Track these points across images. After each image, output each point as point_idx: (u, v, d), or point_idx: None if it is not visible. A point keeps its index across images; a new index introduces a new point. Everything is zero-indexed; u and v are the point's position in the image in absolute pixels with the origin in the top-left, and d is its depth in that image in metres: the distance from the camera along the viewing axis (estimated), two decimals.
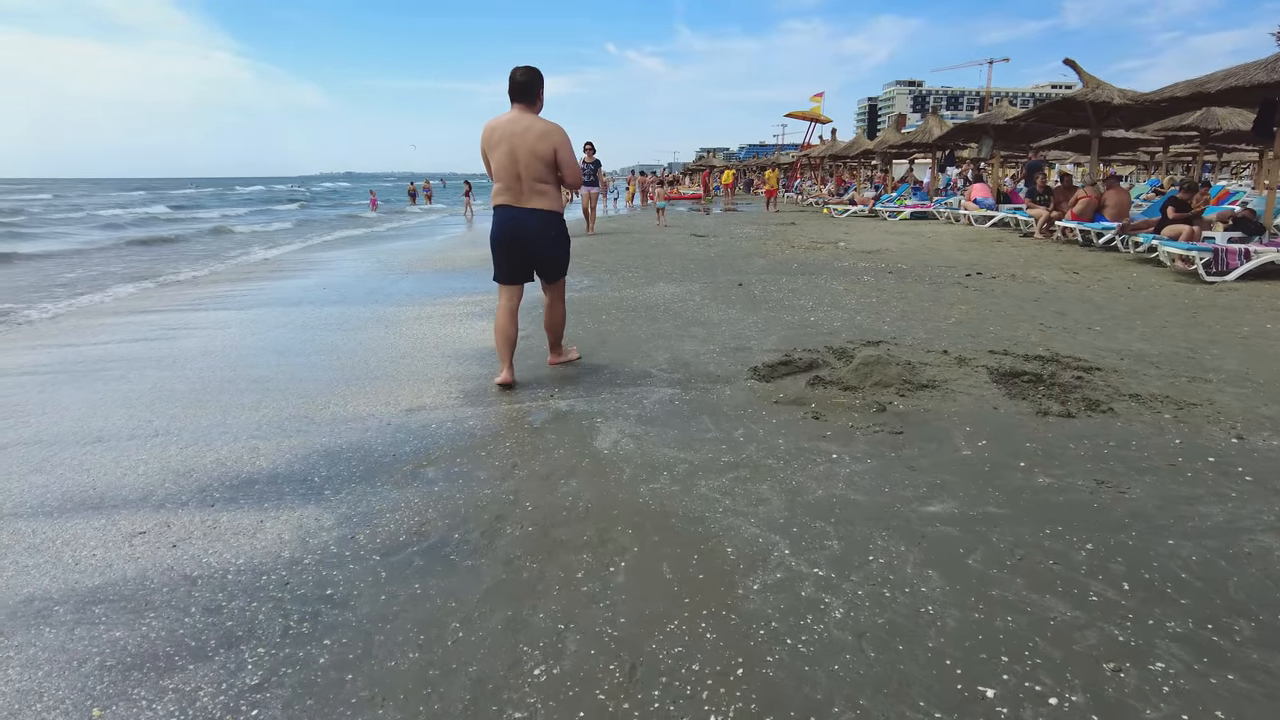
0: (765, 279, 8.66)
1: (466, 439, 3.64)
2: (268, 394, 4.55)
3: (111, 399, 4.58)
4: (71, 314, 8.33)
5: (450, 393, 4.45)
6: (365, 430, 3.83)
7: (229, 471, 3.36)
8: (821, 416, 3.78)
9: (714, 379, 4.51)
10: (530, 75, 4.33)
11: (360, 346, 5.76)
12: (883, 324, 6.04)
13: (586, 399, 4.20)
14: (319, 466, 3.37)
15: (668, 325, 6.17)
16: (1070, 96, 12.68)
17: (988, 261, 10.32)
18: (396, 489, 3.09)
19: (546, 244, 4.45)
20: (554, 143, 4.25)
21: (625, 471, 3.15)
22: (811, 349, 5.15)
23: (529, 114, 4.32)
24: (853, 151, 27.54)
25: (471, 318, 6.82)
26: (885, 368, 4.34)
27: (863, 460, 3.24)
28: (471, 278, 9.66)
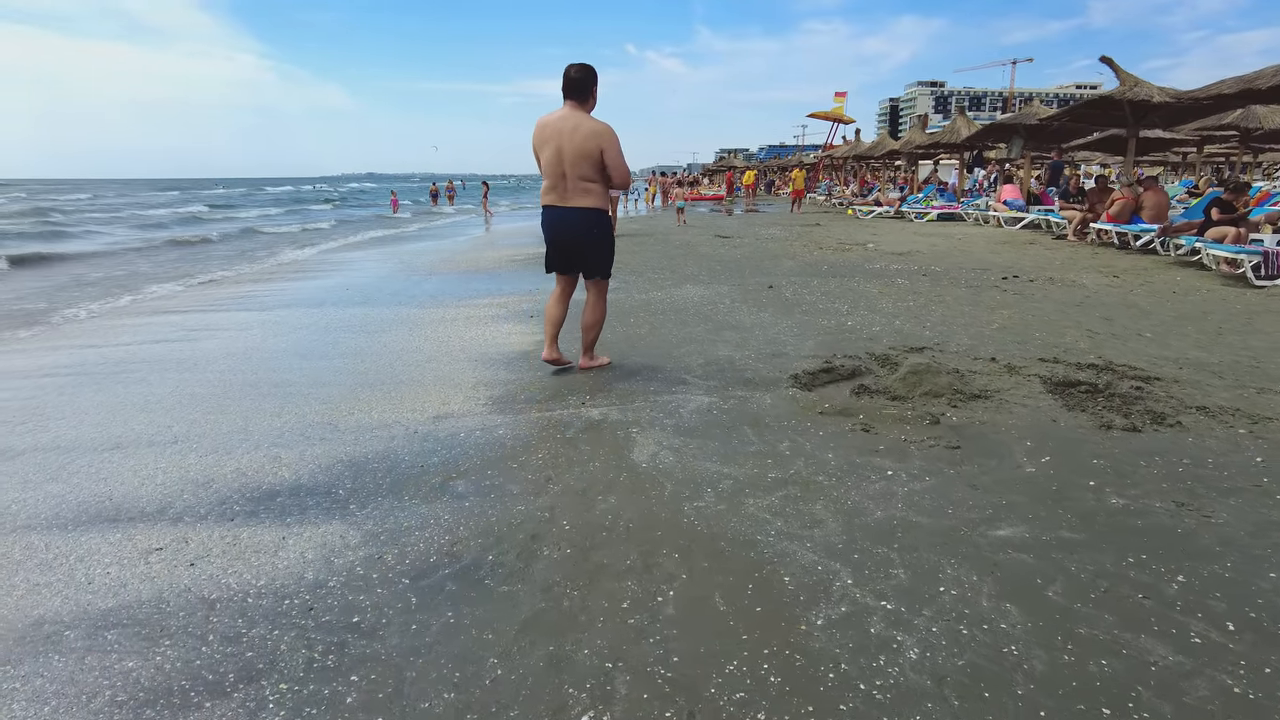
0: (796, 281, 8.44)
1: (497, 449, 3.47)
2: (290, 399, 4.41)
3: (131, 402, 4.46)
4: (100, 314, 8.27)
5: (478, 399, 4.28)
6: (391, 439, 3.67)
7: (250, 482, 3.21)
8: (872, 429, 3.57)
9: (752, 386, 4.31)
10: (584, 73, 4.30)
11: (385, 350, 5.62)
12: (923, 329, 5.81)
13: (620, 407, 4.01)
14: (344, 478, 3.21)
15: (699, 329, 5.98)
16: (1107, 95, 12.33)
17: (1023, 264, 10.04)
18: (425, 504, 2.92)
19: (590, 242, 4.50)
20: (602, 143, 4.25)
21: (666, 488, 2.96)
22: (853, 355, 4.94)
23: (580, 112, 4.32)
24: (877, 152, 27.19)
25: (496, 320, 6.66)
26: (935, 377, 4.12)
27: (920, 478, 3.03)
28: (495, 279, 9.52)
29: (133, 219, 31.31)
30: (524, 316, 6.82)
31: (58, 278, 12.50)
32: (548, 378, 4.68)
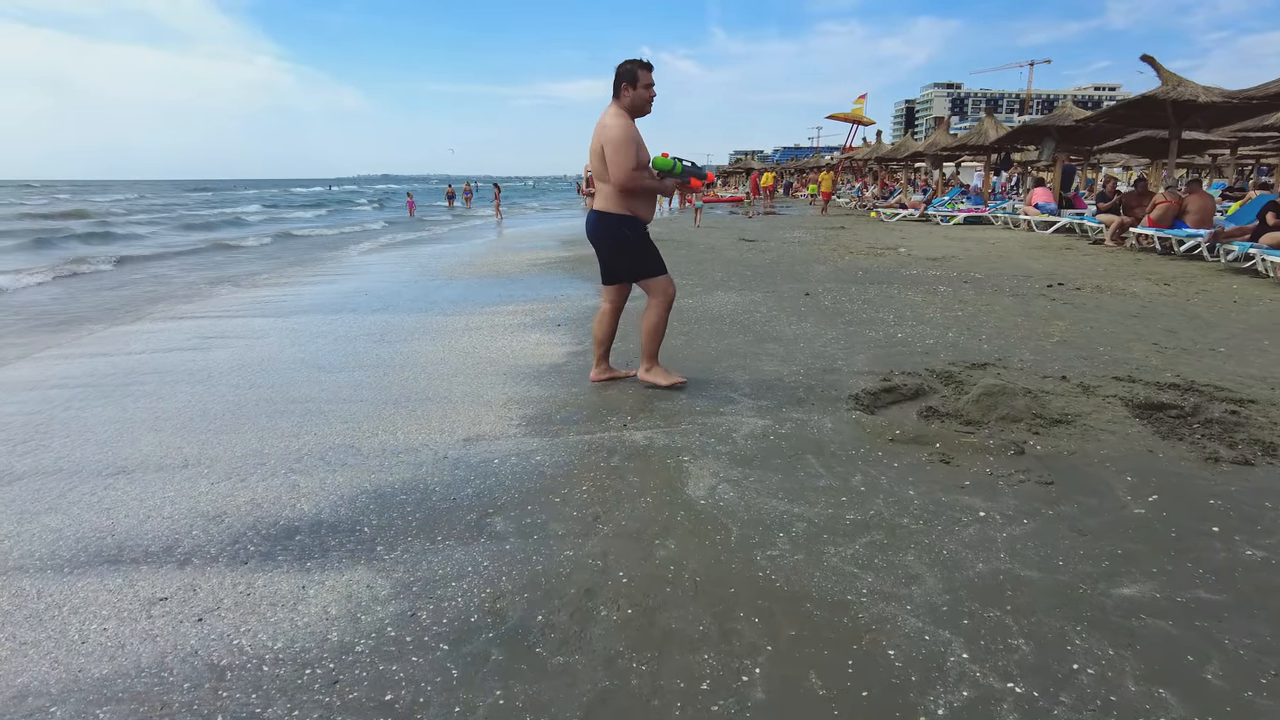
0: (832, 288, 8.09)
1: (536, 479, 3.14)
2: (308, 417, 4.11)
3: (140, 419, 4.18)
4: (121, 320, 8.03)
5: (510, 419, 3.96)
6: (419, 465, 3.36)
7: (265, 516, 2.90)
8: (951, 460, 3.22)
9: (809, 407, 3.97)
10: (619, 68, 4.06)
11: (407, 361, 5.32)
12: (979, 342, 5.45)
13: (666, 430, 3.68)
14: (368, 512, 2.89)
15: (738, 340, 5.64)
16: (1149, 95, 11.89)
17: (1065, 271, 9.64)
18: (461, 546, 2.60)
19: (604, 245, 4.25)
20: (604, 138, 3.98)
21: (731, 530, 2.62)
22: (911, 372, 4.58)
23: (609, 109, 4.07)
24: (900, 154, 26.72)
25: (524, 329, 6.35)
26: (1011, 399, 3.77)
27: (1017, 520, 2.68)
28: (518, 284, 9.22)
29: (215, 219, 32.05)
30: (551, 325, 6.51)
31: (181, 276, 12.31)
32: (583, 394, 4.36)
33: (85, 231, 23.64)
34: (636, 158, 3.95)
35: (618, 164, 3.92)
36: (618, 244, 4.19)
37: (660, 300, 4.24)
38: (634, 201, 4.08)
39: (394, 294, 8.72)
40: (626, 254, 4.21)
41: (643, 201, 4.12)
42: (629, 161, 3.92)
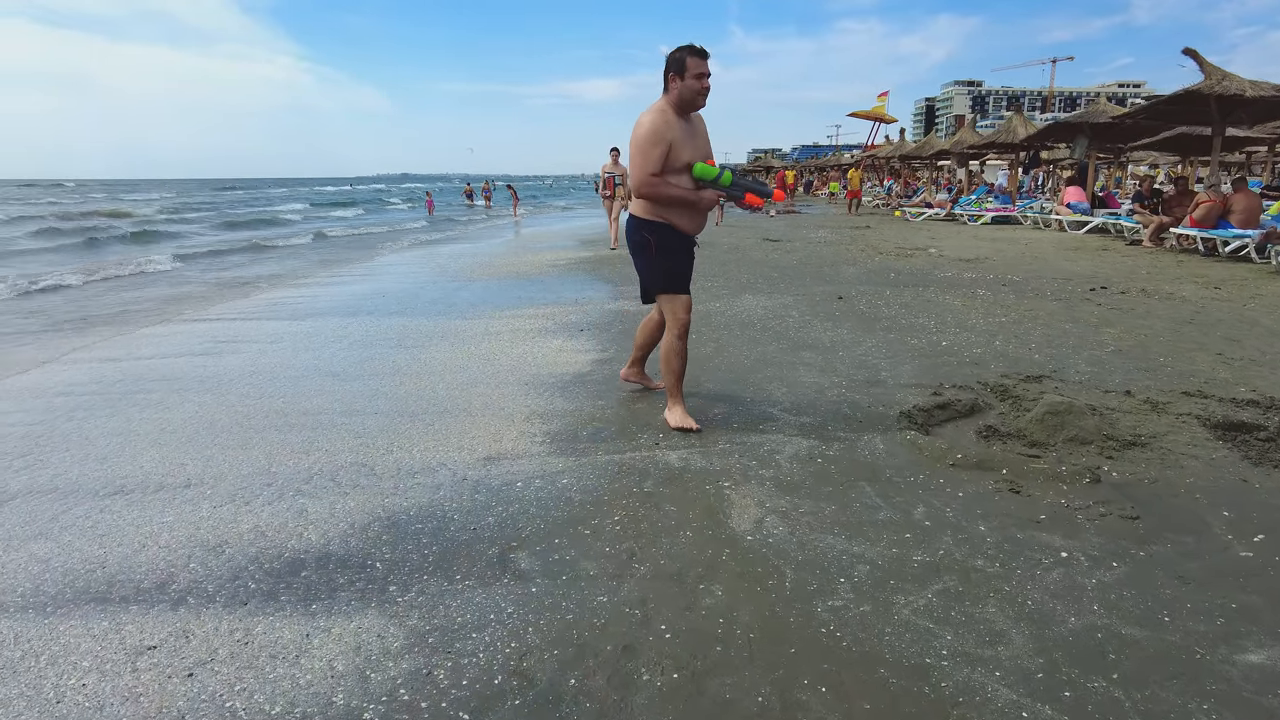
0: (865, 291, 7.76)
1: (562, 506, 2.87)
2: (320, 431, 3.86)
3: (144, 432, 3.95)
4: (130, 320, 7.85)
5: (533, 435, 3.70)
6: (436, 488, 3.10)
7: (269, 547, 2.65)
8: (1021, 489, 2.91)
9: (855, 425, 3.67)
10: (668, 57, 3.51)
11: (424, 369, 5.07)
12: (1029, 351, 5.12)
13: (703, 450, 3.40)
14: (381, 544, 2.63)
15: (772, 348, 5.34)
16: (1193, 90, 11.43)
17: (1106, 273, 9.25)
18: (482, 587, 2.33)
19: (632, 250, 3.77)
20: (631, 138, 3.55)
21: (785, 574, 2.34)
22: (962, 385, 4.27)
23: (654, 103, 3.58)
24: (925, 152, 26.24)
25: (545, 334, 6.08)
26: (1078, 418, 3.45)
27: (1105, 563, 2.37)
28: (538, 286, 8.96)
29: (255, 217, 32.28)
30: (574, 330, 6.24)
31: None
32: (610, 408, 4.08)
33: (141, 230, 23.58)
34: (660, 161, 3.42)
35: (634, 166, 3.48)
36: (638, 248, 3.70)
37: (670, 325, 3.70)
38: (669, 209, 3.56)
39: (412, 296, 8.49)
40: (643, 260, 3.70)
41: (680, 210, 3.57)
42: (647, 164, 3.43)
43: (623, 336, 5.87)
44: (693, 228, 3.66)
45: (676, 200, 3.51)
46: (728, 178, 3.50)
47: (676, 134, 3.45)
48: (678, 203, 3.52)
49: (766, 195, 3.58)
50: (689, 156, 3.50)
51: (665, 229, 3.61)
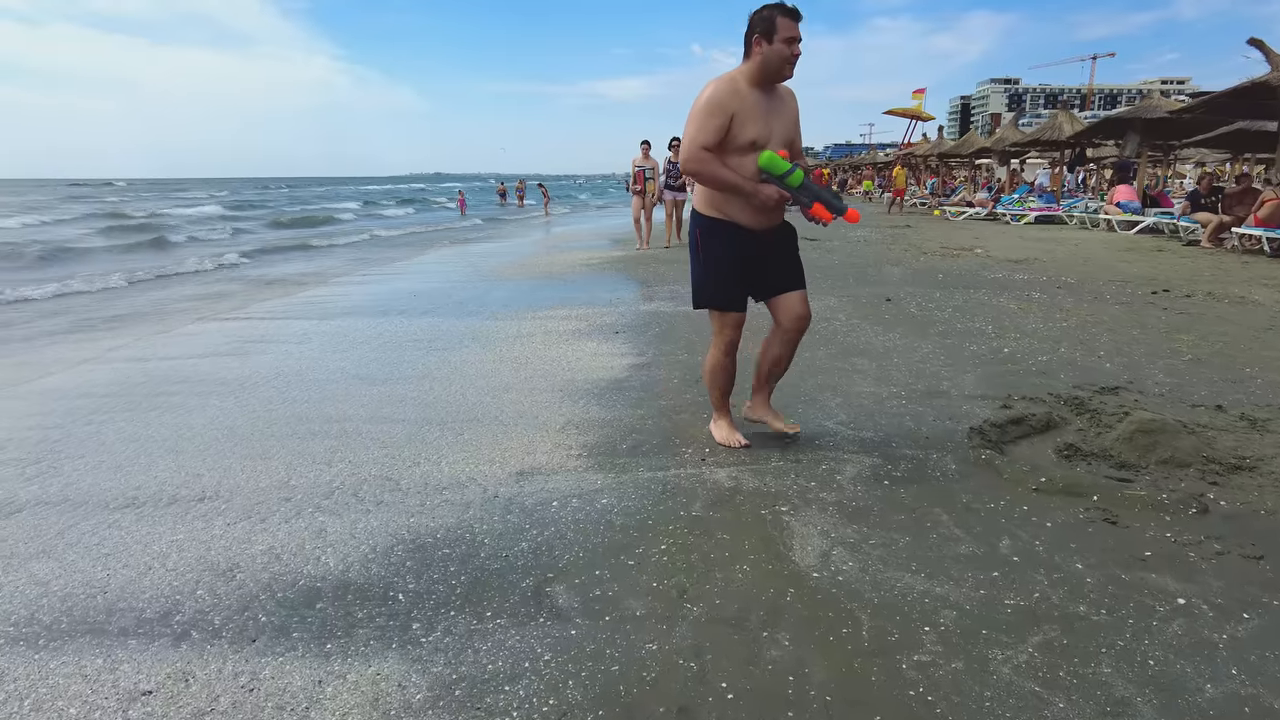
0: (914, 293, 7.40)
1: (603, 532, 2.61)
2: (344, 440, 3.65)
3: (161, 439, 3.77)
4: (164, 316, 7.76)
5: (569, 447, 3.44)
6: (466, 507, 2.85)
7: (284, 572, 2.42)
8: (1118, 519, 2.59)
9: (921, 441, 3.36)
10: (752, 16, 2.91)
11: (454, 373, 4.84)
12: (1099, 360, 4.75)
13: (754, 468, 3.11)
14: (405, 572, 2.39)
15: (821, 354, 5.03)
16: (1260, 82, 10.87)
17: (1166, 275, 8.77)
18: (516, 627, 2.07)
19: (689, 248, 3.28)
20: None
21: (860, 619, 2.05)
22: (1033, 397, 3.93)
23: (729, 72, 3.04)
24: (965, 150, 25.60)
25: (578, 337, 5.83)
26: (1173, 438, 3.10)
27: (1234, 614, 2.05)
28: (570, 286, 8.73)
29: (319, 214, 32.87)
30: (608, 332, 5.98)
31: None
32: (650, 418, 3.82)
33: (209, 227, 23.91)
34: (716, 134, 2.86)
35: (685, 136, 2.93)
36: (691, 246, 3.23)
37: (714, 340, 3.28)
38: (729, 200, 3.00)
39: (444, 295, 8.30)
40: (691, 261, 3.22)
41: (740, 202, 2.98)
42: (699, 135, 2.88)
43: (659, 340, 5.60)
44: (757, 221, 3.03)
45: (725, 185, 2.94)
46: (798, 177, 2.91)
47: (745, 106, 2.87)
48: (727, 188, 2.95)
49: (839, 212, 2.98)
50: (755, 135, 2.89)
51: (720, 225, 3.06)
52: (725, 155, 2.91)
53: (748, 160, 2.92)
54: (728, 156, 2.91)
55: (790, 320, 3.21)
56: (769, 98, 2.96)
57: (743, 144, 2.91)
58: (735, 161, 2.92)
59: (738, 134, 2.89)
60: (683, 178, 12.53)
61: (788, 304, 3.19)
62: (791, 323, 3.21)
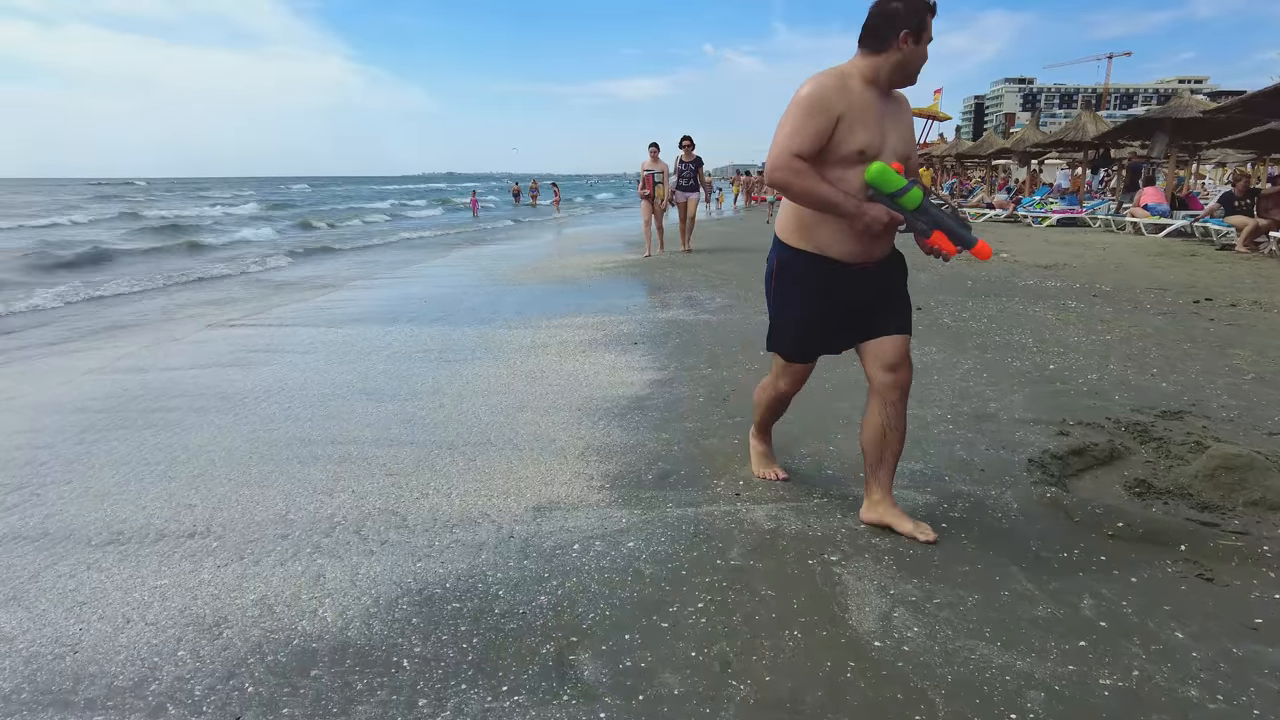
0: (945, 301, 7.09)
1: (631, 584, 2.33)
2: (347, 465, 3.39)
3: (154, 462, 3.52)
4: (155, 325, 7.55)
5: (589, 477, 3.17)
6: (478, 549, 2.59)
7: (276, 629, 2.16)
8: (1213, 575, 2.29)
9: (977, 474, 3.07)
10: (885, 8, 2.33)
11: (466, 388, 4.58)
12: (1153, 378, 4.44)
13: (795, 505, 2.84)
14: (410, 630, 2.13)
15: (853, 369, 4.70)
16: None
17: (1205, 282, 8.42)
18: (536, 707, 1.80)
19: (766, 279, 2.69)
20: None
21: (935, 703, 1.76)
22: (1090, 422, 3.63)
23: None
24: (984, 150, 25.17)
25: (596, 348, 5.56)
26: (1262, 476, 2.80)
27: None
28: (586, 292, 8.46)
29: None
30: (626, 342, 5.71)
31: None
32: (677, 442, 3.54)
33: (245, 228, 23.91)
34: (815, 140, 2.26)
35: (776, 140, 2.32)
36: (767, 278, 2.66)
37: (771, 373, 2.89)
38: (821, 225, 2.40)
39: (455, 301, 8.05)
40: (766, 293, 2.69)
41: (833, 228, 2.38)
42: (792, 139, 2.27)
43: (681, 352, 5.32)
44: (855, 252, 2.40)
45: (821, 202, 2.30)
46: (915, 196, 2.29)
47: (856, 108, 2.29)
48: (823, 206, 2.31)
49: (966, 244, 2.33)
50: (865, 143, 2.29)
51: (805, 259, 2.47)
52: (824, 168, 2.31)
53: (851, 175, 2.30)
54: (827, 169, 2.30)
55: (881, 375, 2.52)
56: (885, 101, 2.37)
57: (848, 153, 2.30)
58: (836, 175, 2.30)
59: (843, 141, 2.28)
60: (696, 177, 12.12)
61: (879, 353, 2.50)
62: (884, 380, 2.51)
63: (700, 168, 12.19)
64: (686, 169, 11.98)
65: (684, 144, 12.02)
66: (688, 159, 12.01)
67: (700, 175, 12.28)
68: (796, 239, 2.48)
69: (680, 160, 11.99)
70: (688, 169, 11.98)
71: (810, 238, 2.44)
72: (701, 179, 12.46)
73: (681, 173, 12.00)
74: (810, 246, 2.44)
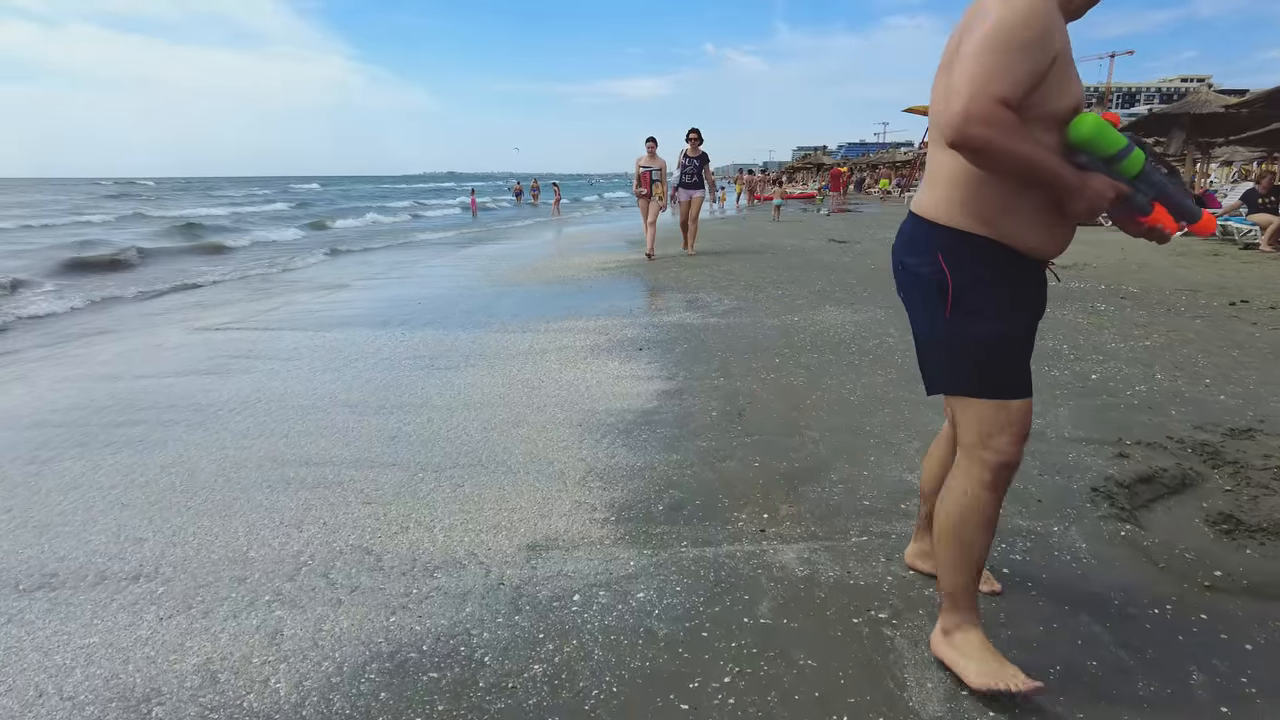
0: None
1: (642, 649, 1.96)
2: (320, 492, 3.03)
3: (108, 486, 3.17)
4: (146, 325, 7.18)
5: (592, 508, 2.80)
6: (462, 600, 2.22)
7: (218, 704, 1.81)
8: None
9: (1033, 506, 2.69)
10: None
11: (457, 399, 4.21)
12: (1208, 390, 4.06)
13: (828, 543, 2.46)
14: (376, 707, 1.77)
15: (880, 379, 4.36)
16: None
17: (1236, 284, 8.04)
18: None
19: (909, 284, 1.82)
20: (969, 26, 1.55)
21: None
22: (1149, 441, 3.26)
23: None
24: None
25: (599, 354, 5.19)
26: None
27: None
28: (587, 293, 8.08)
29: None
30: (631, 348, 5.34)
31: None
32: (690, 466, 3.17)
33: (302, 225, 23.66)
34: (1029, 81, 1.51)
35: (959, 81, 1.50)
36: (920, 286, 1.76)
37: (971, 457, 1.75)
38: (1016, 205, 1.64)
39: (450, 303, 7.68)
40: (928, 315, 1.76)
41: (1033, 209, 1.64)
42: (1000, 79, 1.48)
43: (689, 359, 4.95)
44: (1053, 244, 1.69)
45: (1032, 170, 1.52)
46: (1138, 160, 1.59)
47: (1067, 47, 1.60)
48: (1033, 178, 1.55)
49: (1191, 218, 1.68)
50: (1078, 96, 1.60)
51: (990, 250, 1.66)
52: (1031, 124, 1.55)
53: (1050, 138, 1.57)
54: (1035, 128, 1.56)
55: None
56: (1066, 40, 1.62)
57: (1060, 109, 1.57)
58: (1037, 136, 1.56)
59: (1055, 91, 1.55)
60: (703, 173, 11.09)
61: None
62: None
63: (706, 164, 11.24)
64: (691, 164, 11.03)
65: (691, 137, 11.10)
66: (694, 154, 11.09)
67: (706, 172, 11.29)
68: (978, 223, 1.65)
69: (685, 155, 11.08)
70: (693, 164, 11.04)
71: (997, 224, 1.64)
72: (707, 176, 11.42)
73: (686, 168, 11.06)
74: (997, 235, 1.64)
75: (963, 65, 1.50)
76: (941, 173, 1.69)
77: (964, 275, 1.67)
